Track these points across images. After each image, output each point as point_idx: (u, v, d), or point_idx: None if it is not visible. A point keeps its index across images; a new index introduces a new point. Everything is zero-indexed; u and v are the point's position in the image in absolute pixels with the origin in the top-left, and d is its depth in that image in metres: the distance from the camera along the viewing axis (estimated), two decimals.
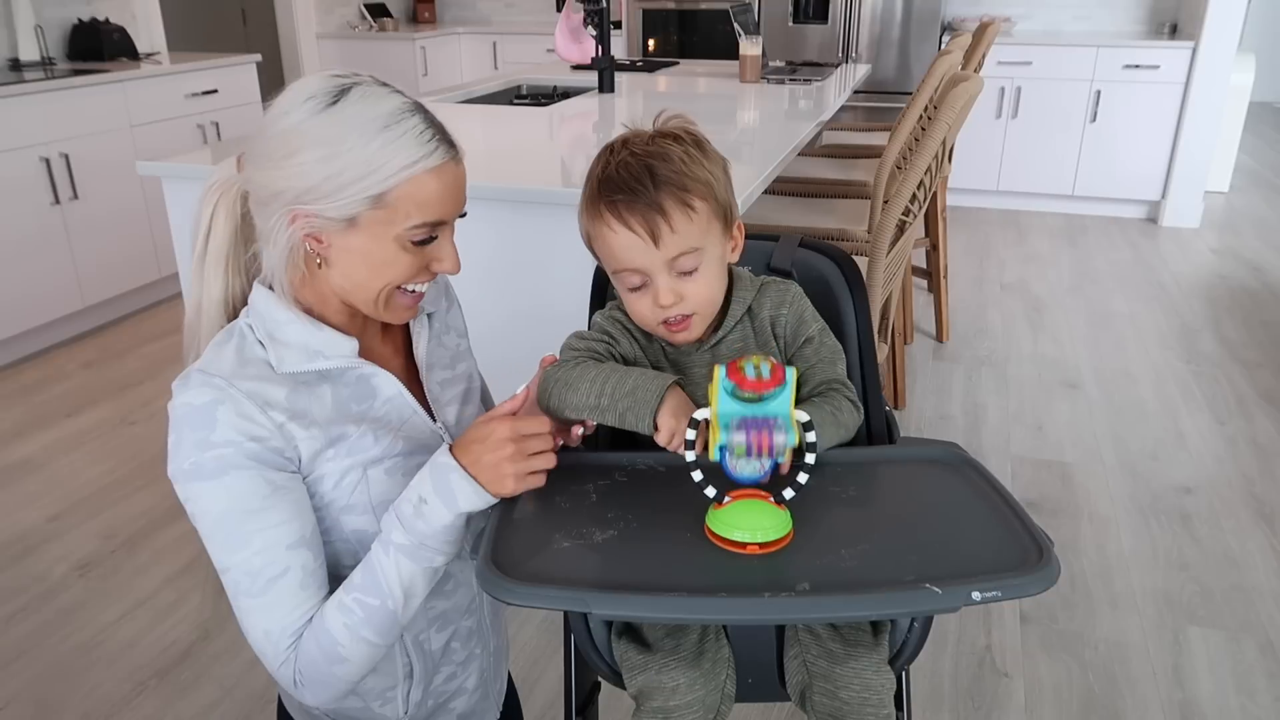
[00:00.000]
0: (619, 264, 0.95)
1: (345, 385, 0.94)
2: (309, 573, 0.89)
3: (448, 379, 1.06)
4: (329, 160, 0.83)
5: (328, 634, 0.88)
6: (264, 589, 0.87)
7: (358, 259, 0.89)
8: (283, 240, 0.88)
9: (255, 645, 0.90)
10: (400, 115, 0.85)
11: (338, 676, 0.89)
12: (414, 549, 0.87)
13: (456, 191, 0.90)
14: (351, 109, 0.84)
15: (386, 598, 0.88)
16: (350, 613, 0.88)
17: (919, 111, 2.58)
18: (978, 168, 5.28)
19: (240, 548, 0.87)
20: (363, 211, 0.85)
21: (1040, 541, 0.81)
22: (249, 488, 0.86)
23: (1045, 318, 3.83)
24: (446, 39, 5.85)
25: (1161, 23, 5.22)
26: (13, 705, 1.86)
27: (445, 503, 0.86)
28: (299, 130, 0.84)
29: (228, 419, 0.86)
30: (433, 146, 0.86)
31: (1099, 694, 1.90)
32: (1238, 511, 2.51)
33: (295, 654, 0.89)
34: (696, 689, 0.90)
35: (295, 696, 0.93)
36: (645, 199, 0.91)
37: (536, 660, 1.97)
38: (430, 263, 0.92)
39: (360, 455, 0.92)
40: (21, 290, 3.32)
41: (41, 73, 3.60)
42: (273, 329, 0.91)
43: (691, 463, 0.82)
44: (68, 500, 2.54)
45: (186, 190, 2.06)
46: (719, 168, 0.97)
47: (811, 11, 5.14)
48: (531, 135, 2.53)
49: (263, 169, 0.87)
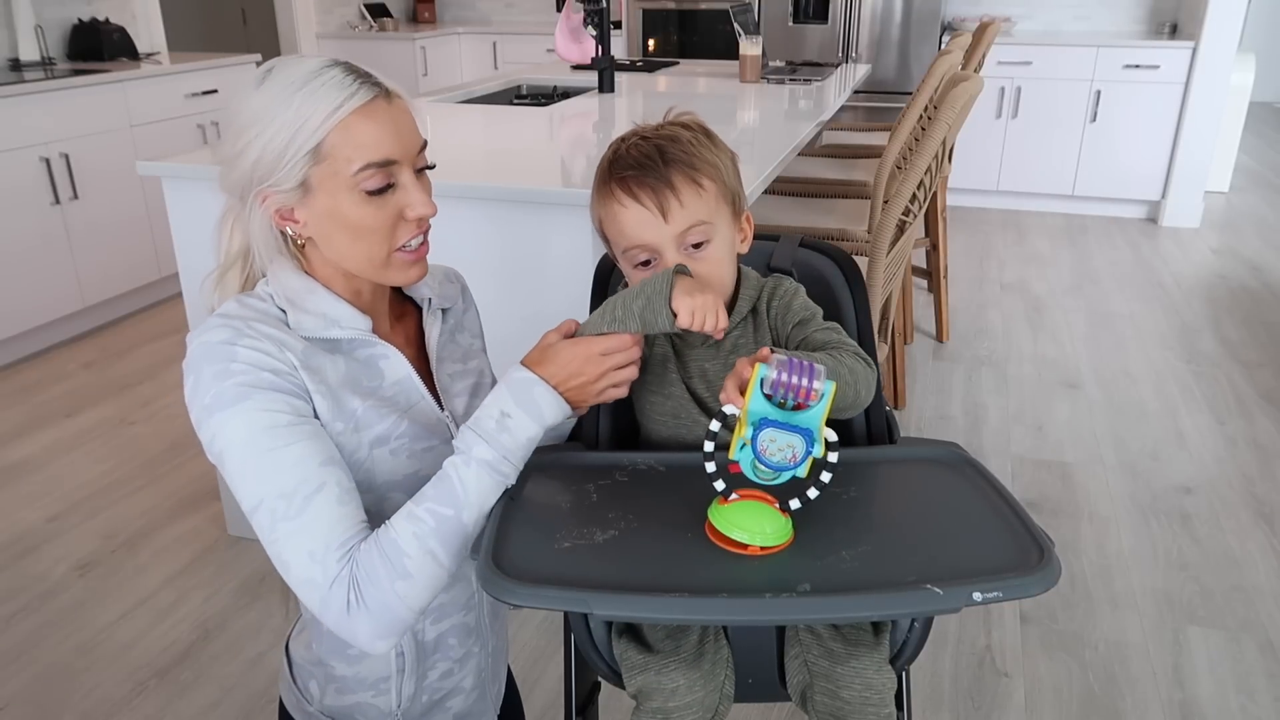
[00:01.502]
0: (628, 241, 0.96)
1: (356, 360, 0.94)
2: (345, 490, 0.86)
3: (458, 372, 1.06)
4: (263, 131, 0.86)
5: (394, 543, 0.84)
6: (301, 508, 0.83)
7: (329, 224, 0.89)
8: (262, 225, 0.91)
9: (299, 574, 0.84)
10: (318, 71, 0.87)
11: (399, 597, 0.83)
12: (496, 463, 0.86)
13: (396, 129, 0.89)
14: (274, 79, 0.87)
15: (462, 509, 0.85)
16: (421, 522, 0.85)
17: (919, 111, 2.58)
18: (978, 168, 5.28)
19: (271, 473, 0.84)
20: (308, 170, 0.87)
21: (1041, 541, 0.81)
22: (274, 408, 0.85)
23: (1045, 318, 3.83)
24: (446, 39, 5.86)
25: (1161, 23, 5.22)
26: (13, 705, 1.86)
27: (531, 416, 0.87)
28: (237, 117, 0.88)
29: (246, 353, 0.86)
30: (354, 88, 0.87)
31: (1099, 694, 1.90)
32: (1238, 511, 2.51)
33: (351, 569, 0.83)
34: (696, 690, 0.90)
35: (346, 630, 0.84)
36: (655, 174, 0.93)
37: (536, 660, 1.97)
38: (402, 211, 0.91)
39: (366, 432, 0.92)
40: (21, 290, 3.32)
41: (41, 73, 3.60)
42: (292, 296, 0.92)
43: (708, 454, 0.81)
44: (68, 500, 2.54)
45: (186, 190, 2.06)
46: (727, 156, 0.99)
47: (811, 11, 5.14)
48: (531, 135, 2.53)
49: (225, 165, 0.91)
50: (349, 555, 0.84)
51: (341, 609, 0.83)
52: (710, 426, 0.82)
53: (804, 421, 0.79)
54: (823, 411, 0.79)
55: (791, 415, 0.79)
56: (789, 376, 0.78)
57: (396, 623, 0.85)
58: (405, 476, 0.95)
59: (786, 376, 0.78)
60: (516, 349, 0.97)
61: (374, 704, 1.04)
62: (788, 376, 0.78)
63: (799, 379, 0.78)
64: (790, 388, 0.78)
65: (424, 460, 0.95)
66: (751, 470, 0.81)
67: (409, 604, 0.84)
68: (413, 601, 0.85)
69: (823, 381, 0.78)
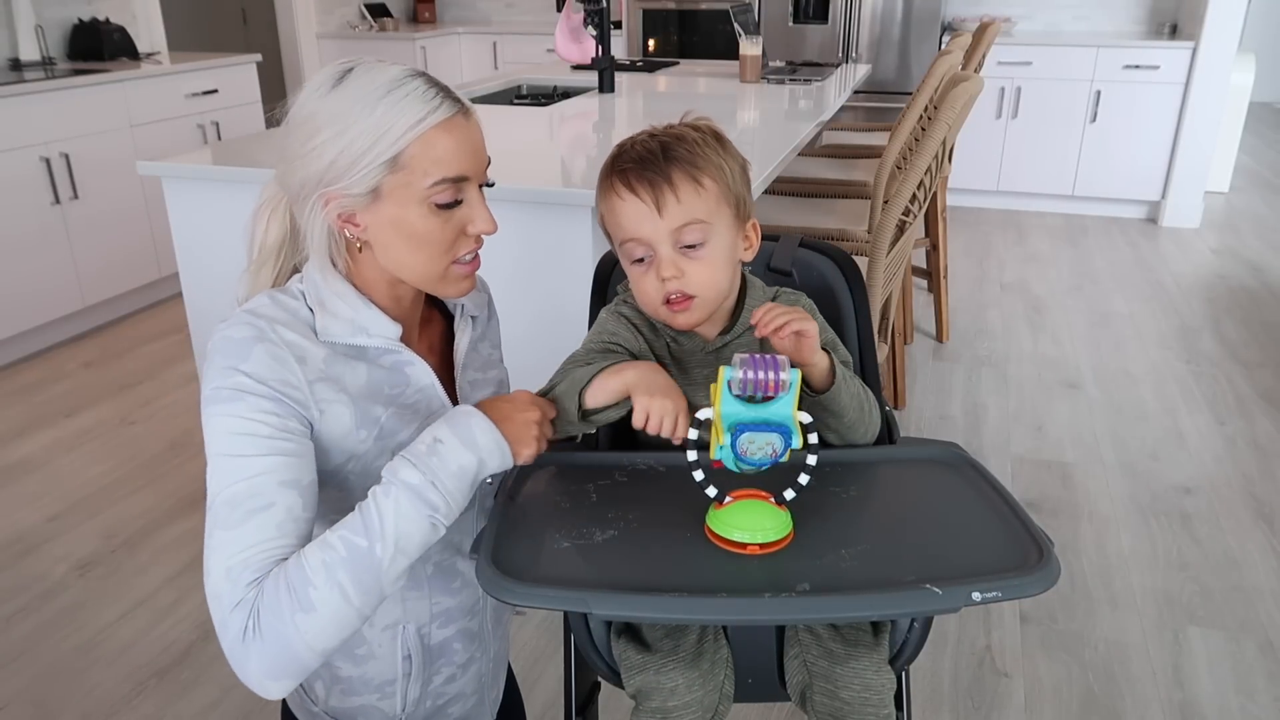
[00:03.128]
0: (624, 233, 0.97)
1: (381, 368, 0.94)
2: (293, 518, 0.83)
3: (478, 380, 1.06)
4: (340, 135, 0.85)
5: (301, 570, 0.79)
6: (241, 520, 0.81)
7: (392, 232, 0.90)
8: (321, 227, 0.90)
9: (212, 587, 0.80)
10: (402, 80, 0.87)
11: (298, 631, 0.78)
12: (421, 488, 0.82)
13: (471, 146, 0.90)
14: (354, 83, 0.87)
15: (376, 541, 0.80)
16: (332, 550, 0.80)
17: (919, 112, 2.58)
18: (978, 168, 5.28)
19: (229, 477, 0.82)
20: (383, 179, 0.87)
21: (1040, 541, 0.81)
22: (260, 417, 0.84)
23: (1045, 318, 3.83)
24: (446, 39, 5.86)
25: (1161, 23, 5.22)
26: (13, 705, 1.86)
27: (464, 442, 0.85)
28: (311, 117, 0.87)
29: (261, 357, 0.86)
30: (437, 103, 0.87)
31: (1099, 694, 1.90)
32: (1238, 511, 2.51)
33: (257, 594, 0.79)
34: (695, 689, 0.90)
35: (237, 660, 0.79)
36: (654, 169, 0.95)
37: (536, 660, 1.97)
38: (465, 226, 0.92)
39: (390, 440, 0.93)
40: (21, 290, 3.32)
41: (42, 73, 3.60)
42: (324, 297, 0.92)
43: (693, 462, 0.82)
44: (68, 500, 2.54)
45: (187, 190, 2.06)
46: (735, 161, 1.00)
47: (811, 11, 5.14)
48: (532, 135, 2.53)
49: (289, 164, 0.90)
50: (259, 582, 0.80)
51: (237, 635, 0.79)
52: (689, 435, 0.83)
53: (776, 414, 0.80)
54: (792, 399, 0.81)
55: (763, 409, 0.80)
56: (754, 373, 0.79)
57: (292, 661, 0.79)
58: None
59: (752, 374, 0.79)
60: (516, 348, 0.98)
61: (379, 707, 1.04)
62: (753, 374, 0.79)
63: (764, 373, 0.79)
64: (758, 384, 0.79)
65: None
66: (736, 468, 0.83)
67: (308, 641, 0.79)
68: (313, 639, 0.79)
69: (788, 371, 0.80)
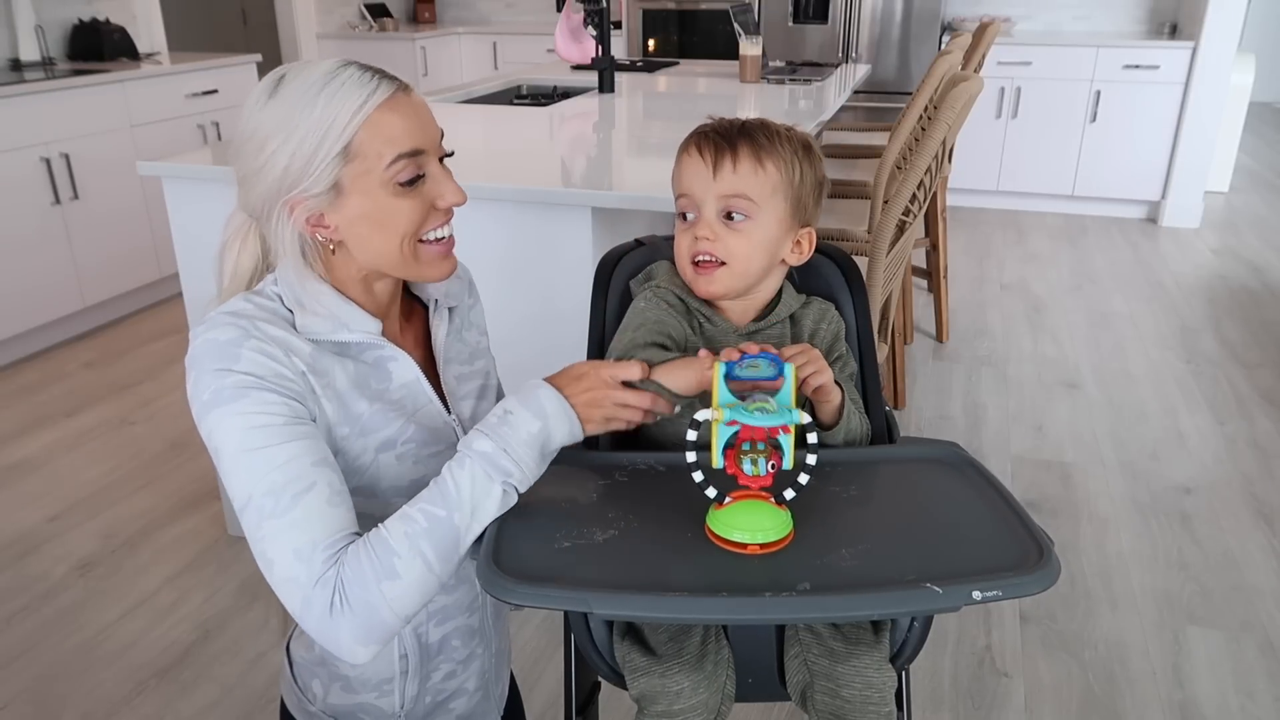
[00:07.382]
0: (679, 187, 1.02)
1: (364, 363, 0.94)
2: (336, 491, 0.84)
3: (464, 374, 1.06)
4: (288, 140, 0.85)
5: (384, 542, 0.81)
6: (290, 505, 0.82)
7: (362, 224, 0.89)
8: (291, 236, 0.89)
9: (282, 572, 0.81)
10: (335, 72, 0.87)
11: (384, 599, 0.80)
12: (494, 455, 0.83)
13: (419, 119, 0.90)
14: (289, 88, 0.87)
15: (454, 509, 0.82)
16: (413, 522, 0.82)
17: (919, 112, 2.58)
18: (978, 168, 5.28)
19: (261, 470, 0.82)
20: (340, 171, 0.86)
21: (1040, 541, 0.81)
22: (271, 408, 0.84)
23: (1045, 318, 3.83)
24: (446, 39, 5.86)
25: (1161, 23, 5.22)
26: (13, 705, 1.86)
27: (533, 411, 0.85)
28: (256, 131, 0.87)
29: (253, 355, 0.85)
30: (375, 85, 0.87)
31: (1099, 694, 1.90)
32: (1238, 511, 2.51)
33: (338, 569, 0.81)
34: (700, 692, 0.90)
35: (328, 634, 0.81)
36: (726, 138, 0.99)
37: (536, 660, 1.97)
38: (434, 200, 0.92)
39: (372, 436, 0.92)
40: (21, 290, 3.32)
41: (42, 73, 3.60)
42: (302, 296, 0.91)
43: (692, 463, 0.82)
44: (68, 500, 2.54)
45: (187, 190, 2.06)
46: (810, 168, 1.02)
47: (811, 11, 5.14)
48: (532, 135, 2.53)
49: (246, 184, 0.89)
50: (336, 556, 0.82)
51: (324, 610, 0.80)
52: (687, 435, 0.82)
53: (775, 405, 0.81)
54: (790, 391, 0.81)
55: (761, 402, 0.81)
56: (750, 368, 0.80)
57: (380, 627, 0.81)
58: (411, 483, 0.94)
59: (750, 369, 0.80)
60: (516, 348, 0.97)
61: (377, 705, 1.04)
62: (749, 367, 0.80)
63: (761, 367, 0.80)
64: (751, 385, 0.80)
65: (430, 466, 0.94)
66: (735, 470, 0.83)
67: (394, 608, 0.81)
68: (398, 605, 0.81)
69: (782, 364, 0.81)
